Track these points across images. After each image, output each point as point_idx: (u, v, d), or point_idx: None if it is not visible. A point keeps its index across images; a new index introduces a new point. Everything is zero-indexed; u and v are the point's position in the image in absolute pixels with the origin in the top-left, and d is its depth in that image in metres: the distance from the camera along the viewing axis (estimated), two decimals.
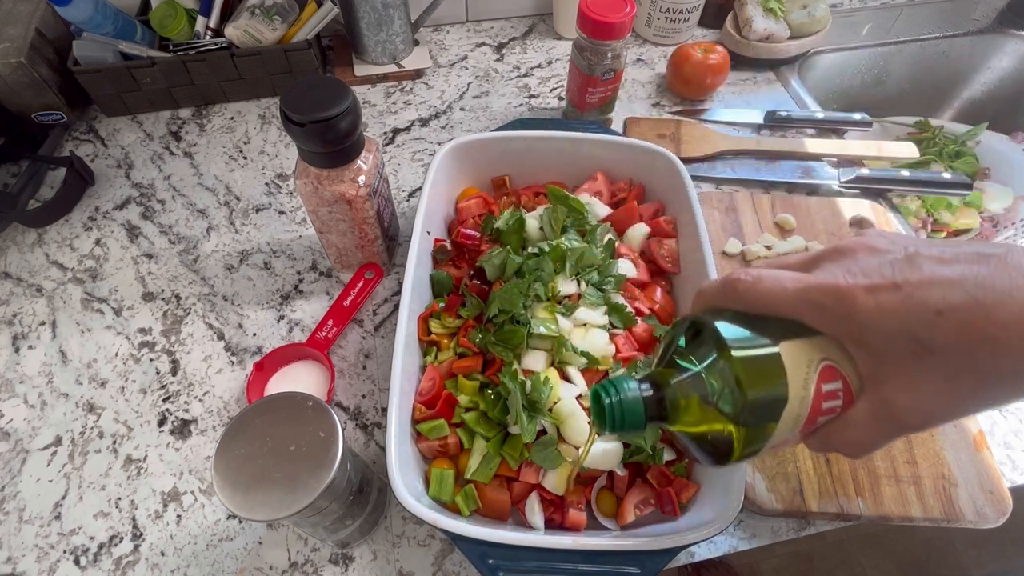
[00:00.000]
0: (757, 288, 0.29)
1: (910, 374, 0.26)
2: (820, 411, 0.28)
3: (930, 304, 0.25)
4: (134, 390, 0.55)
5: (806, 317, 0.28)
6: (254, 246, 0.65)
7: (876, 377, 0.28)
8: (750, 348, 0.28)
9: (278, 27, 0.72)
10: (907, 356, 0.26)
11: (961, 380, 0.25)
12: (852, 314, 0.27)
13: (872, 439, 0.29)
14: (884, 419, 0.28)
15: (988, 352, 0.24)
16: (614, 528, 0.45)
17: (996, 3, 0.94)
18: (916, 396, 0.27)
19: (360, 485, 0.42)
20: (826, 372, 0.28)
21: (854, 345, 0.28)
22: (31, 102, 0.70)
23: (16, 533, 0.48)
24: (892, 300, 0.26)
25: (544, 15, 0.90)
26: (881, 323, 0.26)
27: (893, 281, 0.26)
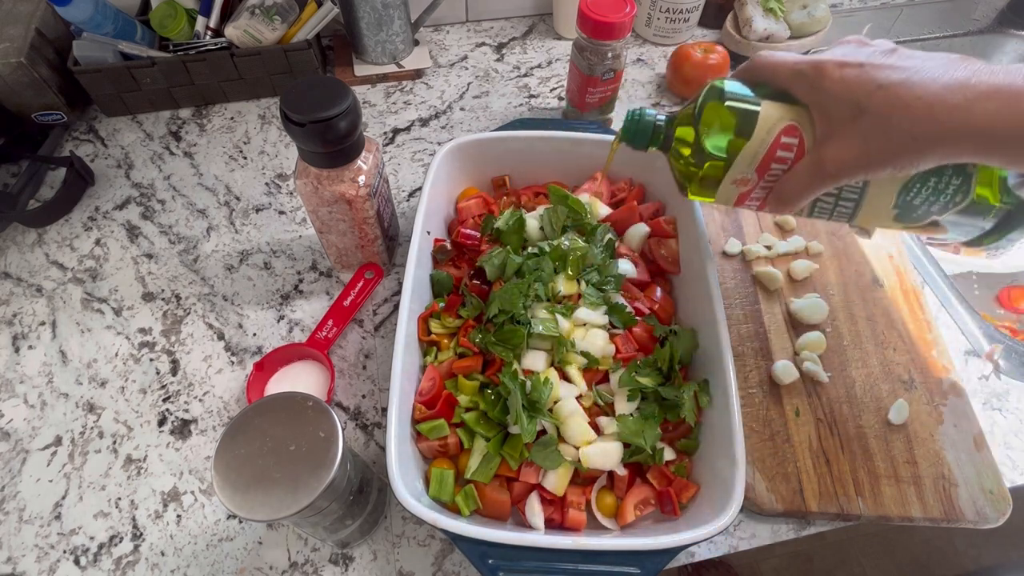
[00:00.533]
0: (765, 61, 0.37)
1: (843, 133, 0.33)
2: (774, 157, 0.36)
3: (876, 79, 0.31)
4: (134, 390, 0.55)
5: (791, 86, 0.36)
6: (254, 246, 0.65)
7: (822, 138, 0.34)
8: (738, 98, 0.37)
9: (278, 27, 0.72)
10: (846, 119, 0.33)
11: (873, 139, 0.32)
12: (820, 81, 0.33)
13: (804, 185, 0.36)
14: (815, 167, 0.35)
15: (900, 116, 0.31)
16: (614, 528, 0.45)
17: (996, 3, 0.94)
18: (839, 149, 0.33)
19: (360, 485, 0.42)
20: (789, 129, 0.36)
21: (817, 112, 0.34)
22: (31, 102, 0.70)
23: (16, 533, 0.48)
24: (852, 74, 0.32)
25: (544, 15, 0.90)
26: (837, 90, 0.33)
27: (860, 61, 0.33)
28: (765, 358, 0.55)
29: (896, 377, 0.54)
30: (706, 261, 0.51)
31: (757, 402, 0.52)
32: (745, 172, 0.38)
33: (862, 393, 0.53)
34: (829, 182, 0.35)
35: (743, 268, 0.61)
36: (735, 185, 0.39)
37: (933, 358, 0.55)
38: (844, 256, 0.61)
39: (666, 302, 0.55)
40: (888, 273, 0.60)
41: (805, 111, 0.36)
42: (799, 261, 0.60)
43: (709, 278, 0.50)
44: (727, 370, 0.46)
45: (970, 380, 0.57)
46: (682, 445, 0.48)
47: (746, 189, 0.39)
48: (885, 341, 0.56)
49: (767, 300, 0.58)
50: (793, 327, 0.57)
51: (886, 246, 0.62)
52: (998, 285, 0.73)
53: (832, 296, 0.58)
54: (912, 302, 0.58)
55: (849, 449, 0.50)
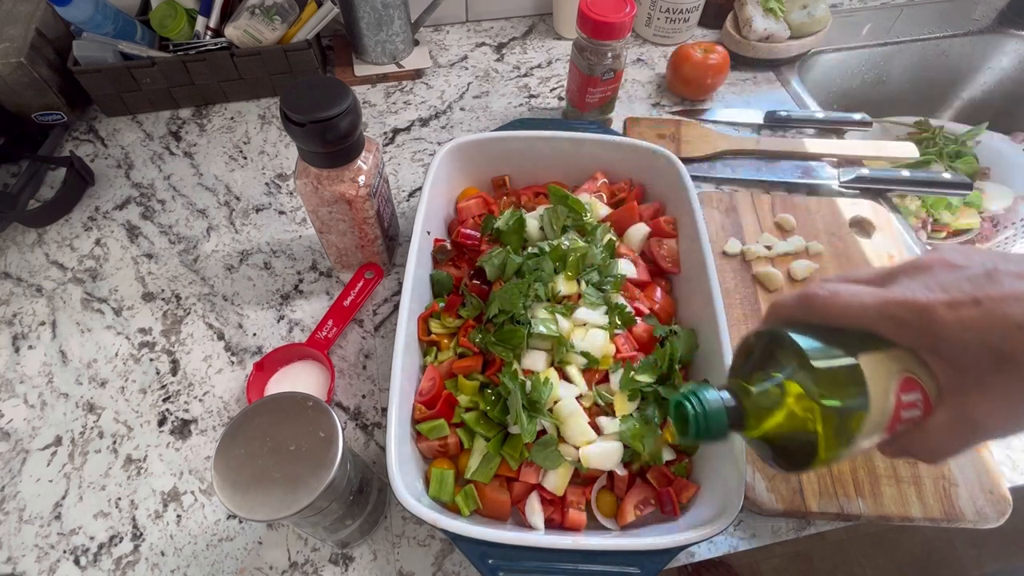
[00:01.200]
0: (835, 302, 0.30)
1: (991, 384, 0.28)
2: (900, 420, 0.30)
3: (1012, 318, 0.26)
4: (134, 390, 0.55)
5: (885, 331, 0.29)
6: (254, 246, 0.65)
7: (956, 387, 0.29)
8: (830, 358, 0.29)
9: (278, 27, 0.72)
10: (987, 368, 0.27)
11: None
12: (933, 328, 0.28)
13: (951, 445, 0.30)
14: (963, 426, 0.29)
15: None
16: (614, 528, 0.45)
17: (996, 3, 0.94)
18: (996, 404, 0.28)
19: (360, 485, 0.42)
20: (906, 383, 0.29)
21: (934, 357, 0.29)
22: (31, 102, 0.70)
23: (16, 533, 0.48)
24: (973, 315, 0.27)
25: (544, 15, 0.90)
26: (962, 336, 0.27)
27: (974, 296, 0.27)
28: None
29: None
30: (706, 261, 0.51)
31: None
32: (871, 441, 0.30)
33: None
34: (987, 439, 0.30)
35: (743, 268, 0.60)
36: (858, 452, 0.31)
37: None
38: (844, 256, 0.61)
39: (666, 302, 0.55)
40: None
41: (908, 353, 0.30)
42: (799, 261, 0.60)
43: (709, 278, 0.50)
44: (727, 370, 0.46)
45: None
46: (682, 445, 0.48)
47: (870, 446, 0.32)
48: None
49: (767, 300, 0.58)
50: None
51: (886, 246, 0.62)
52: None
53: None
54: None
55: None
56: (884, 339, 0.30)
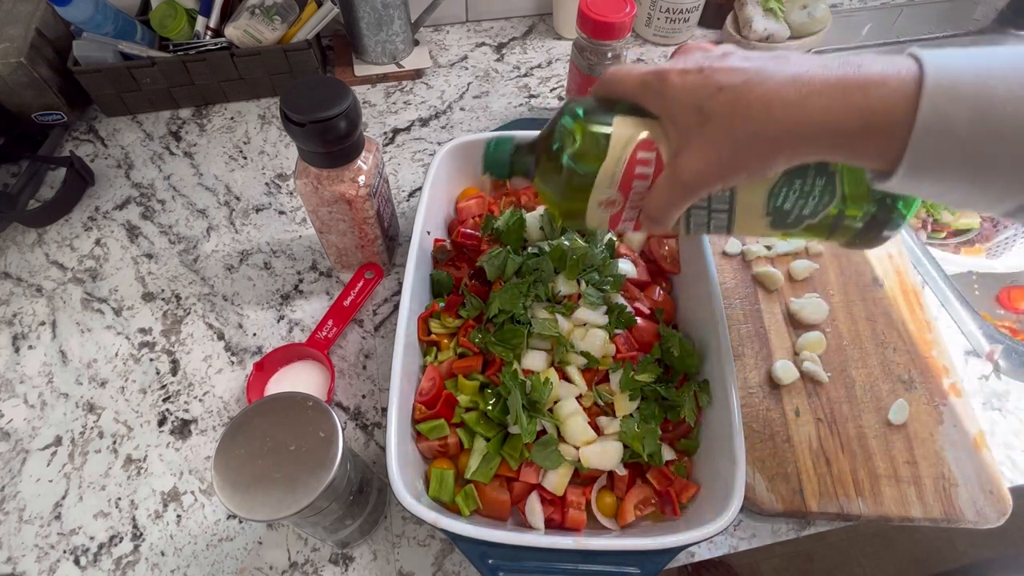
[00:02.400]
0: (615, 76, 0.36)
1: (694, 141, 0.32)
2: (633, 174, 0.35)
3: (717, 82, 0.30)
4: (134, 390, 0.55)
5: (640, 98, 0.34)
6: (254, 246, 0.65)
7: (677, 149, 0.33)
8: (590, 118, 0.36)
9: (278, 27, 0.72)
10: (694, 126, 0.31)
11: (722, 143, 0.31)
12: (663, 89, 0.32)
13: (666, 201, 0.34)
14: (673, 180, 0.33)
15: (742, 118, 0.29)
16: (614, 528, 0.45)
17: (996, 3, 0.94)
18: (692, 158, 0.32)
19: (360, 485, 0.42)
20: (644, 144, 0.34)
21: (668, 122, 0.33)
22: (31, 102, 0.70)
23: (16, 533, 0.48)
24: (693, 79, 0.31)
25: (544, 15, 0.90)
26: (681, 97, 0.32)
27: (699, 66, 0.32)
28: (765, 358, 0.55)
29: (896, 377, 0.54)
30: (706, 261, 0.51)
31: (757, 402, 0.52)
32: (607, 193, 0.36)
33: (862, 393, 0.53)
34: (689, 194, 0.33)
35: (743, 268, 0.60)
36: (602, 207, 0.37)
37: (933, 358, 0.55)
38: (844, 256, 0.61)
39: (666, 302, 0.55)
40: (888, 273, 0.60)
41: (660, 125, 0.34)
42: (799, 261, 0.60)
43: (709, 278, 0.50)
44: (727, 370, 0.46)
45: (970, 380, 0.57)
46: (682, 445, 0.48)
47: (615, 211, 0.37)
48: (885, 341, 0.56)
49: (767, 300, 0.58)
50: (793, 327, 0.57)
51: (886, 246, 0.62)
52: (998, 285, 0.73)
53: (832, 296, 0.58)
54: (912, 302, 0.58)
55: (849, 449, 0.50)
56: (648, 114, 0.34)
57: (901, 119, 0.26)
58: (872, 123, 0.27)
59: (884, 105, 0.26)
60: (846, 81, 0.27)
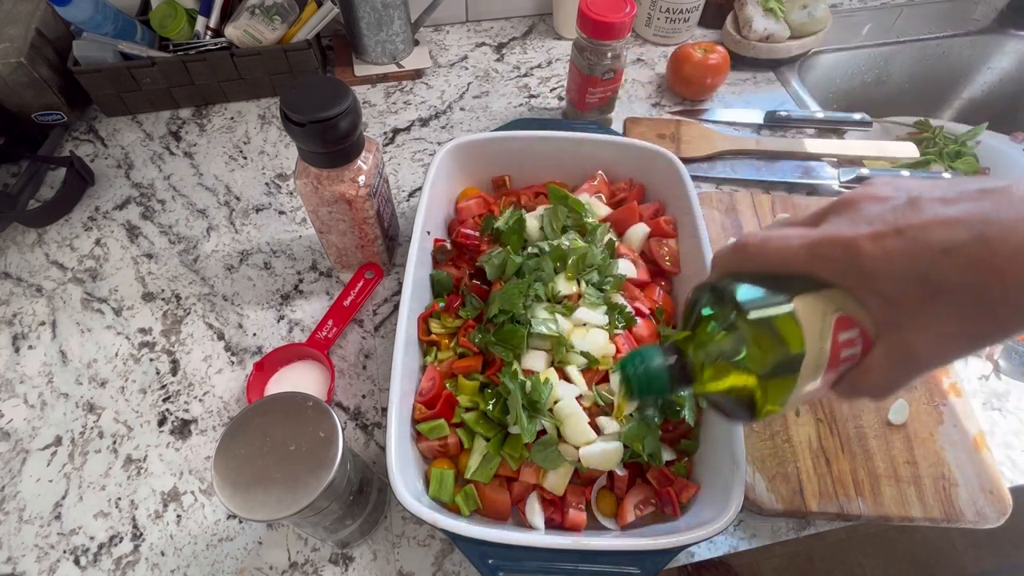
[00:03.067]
0: (765, 248, 0.30)
1: (924, 315, 0.27)
2: (839, 360, 0.29)
3: (935, 244, 0.25)
4: (134, 390, 0.55)
5: (816, 271, 0.29)
6: (254, 246, 0.65)
7: (891, 321, 0.28)
8: (764, 307, 0.29)
9: (278, 27, 0.72)
10: (918, 298, 0.26)
11: (972, 316, 0.26)
12: (859, 263, 0.27)
13: (893, 380, 0.29)
14: (902, 360, 0.29)
15: (997, 286, 0.24)
16: (614, 528, 0.45)
17: (996, 3, 0.94)
18: (931, 336, 0.27)
19: (360, 485, 0.42)
20: (841, 322, 0.29)
21: (866, 293, 0.28)
22: (31, 102, 0.70)
23: (16, 533, 0.48)
24: (897, 245, 0.26)
25: (544, 15, 0.90)
26: (888, 269, 0.26)
27: (896, 227, 0.26)
28: None
29: None
30: (706, 261, 0.51)
31: None
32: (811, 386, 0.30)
33: None
34: (924, 372, 0.29)
35: None
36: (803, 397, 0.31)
37: None
38: None
39: (666, 302, 0.55)
40: None
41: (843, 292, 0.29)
42: None
43: None
44: None
45: (970, 380, 0.57)
46: (682, 445, 0.48)
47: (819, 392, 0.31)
48: None
49: None
50: None
51: None
52: None
53: None
54: None
55: (849, 449, 0.50)
56: (820, 282, 0.29)
57: None
58: None
59: None
60: None
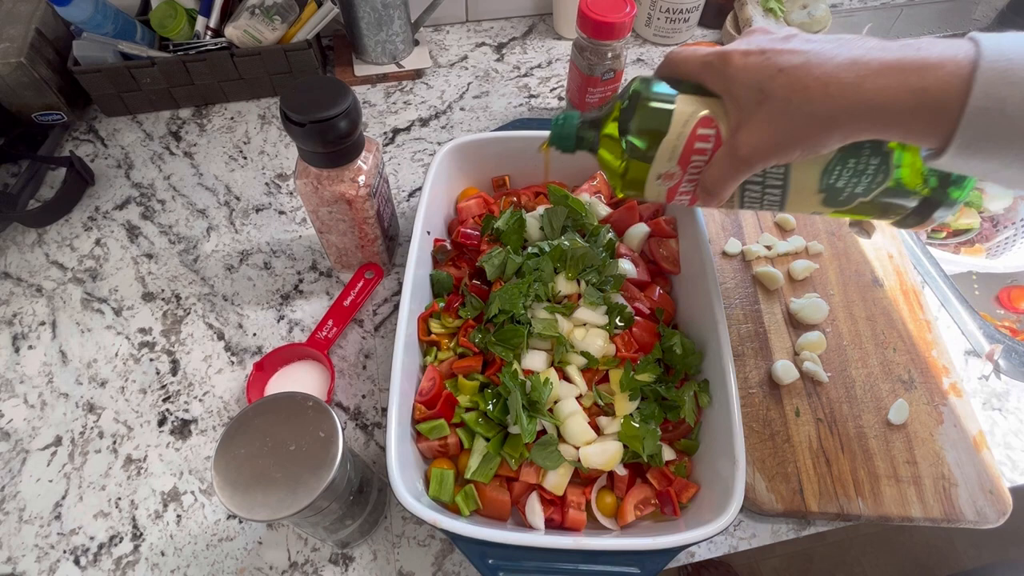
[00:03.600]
0: (677, 56, 0.38)
1: (752, 119, 0.34)
2: (693, 149, 0.37)
3: (776, 64, 0.32)
4: (134, 390, 0.55)
5: (703, 77, 0.36)
6: (254, 246, 0.65)
7: (735, 126, 0.35)
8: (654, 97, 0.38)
9: (278, 27, 0.72)
10: (753, 104, 0.33)
11: (779, 120, 0.32)
12: (728, 71, 0.34)
13: (723, 173, 0.36)
14: (731, 154, 0.35)
15: (799, 97, 0.31)
16: (614, 528, 0.45)
17: (996, 3, 0.94)
18: (750, 134, 0.34)
19: (360, 485, 0.42)
20: (705, 121, 0.36)
21: (729, 100, 0.35)
22: (31, 102, 0.70)
23: (16, 533, 0.48)
24: (755, 60, 0.33)
25: (544, 15, 0.90)
26: (742, 77, 0.34)
27: (761, 48, 0.33)
28: (765, 358, 0.55)
29: (896, 377, 0.54)
30: (706, 261, 0.51)
31: (757, 402, 0.52)
32: (667, 167, 0.38)
33: (862, 393, 0.53)
34: (745, 168, 0.35)
35: (743, 268, 0.61)
36: (660, 180, 0.39)
37: (933, 358, 0.55)
38: (844, 256, 0.61)
39: (666, 302, 0.55)
40: (888, 273, 0.60)
41: (720, 103, 0.36)
42: (799, 261, 0.60)
43: (709, 278, 0.50)
44: (727, 370, 0.46)
45: (970, 380, 0.57)
46: (682, 445, 0.48)
47: (673, 184, 0.40)
48: (885, 341, 0.56)
49: (767, 300, 0.58)
50: (793, 327, 0.57)
51: (886, 246, 0.62)
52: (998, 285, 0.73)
53: (832, 296, 0.58)
54: (912, 302, 0.58)
55: (849, 449, 0.50)
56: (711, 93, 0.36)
57: (954, 99, 0.28)
58: (925, 103, 0.28)
59: (939, 85, 0.28)
60: (904, 63, 0.29)
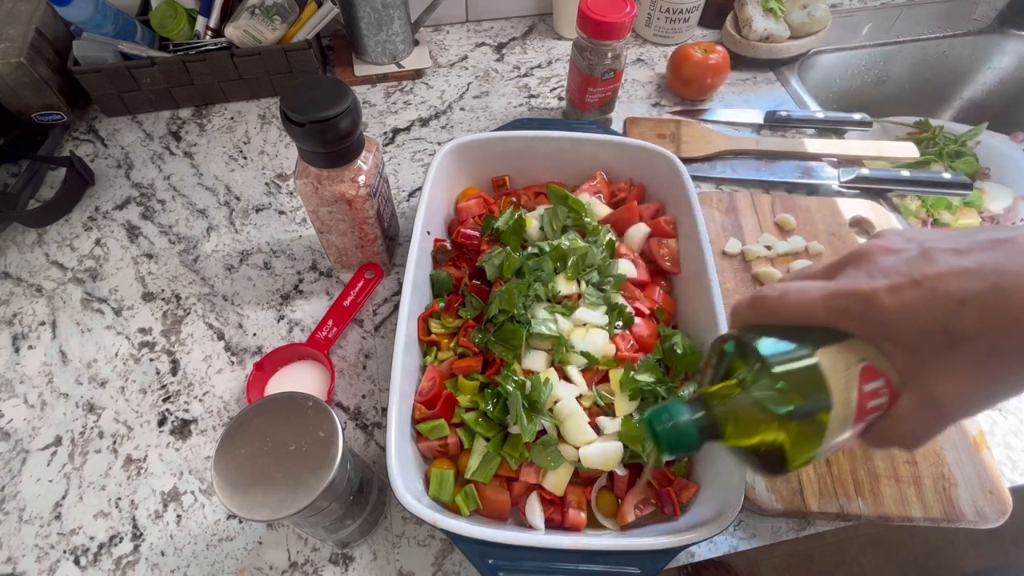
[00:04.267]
0: (785, 301, 0.31)
1: (946, 364, 0.27)
2: (866, 410, 0.29)
3: (952, 295, 0.26)
4: (134, 390, 0.55)
5: (836, 323, 0.30)
6: (254, 246, 0.65)
7: (915, 370, 0.29)
8: (788, 361, 0.29)
9: (278, 27, 0.72)
10: (939, 347, 0.27)
11: (993, 364, 0.27)
12: (878, 314, 0.28)
13: (922, 430, 0.30)
14: (929, 410, 0.29)
15: (1015, 334, 0.25)
16: (614, 528, 0.45)
17: (996, 3, 0.94)
18: (954, 384, 0.27)
19: (360, 485, 0.42)
20: (866, 372, 0.29)
21: (888, 343, 0.29)
22: (31, 102, 0.70)
23: (16, 533, 0.48)
24: (915, 296, 0.27)
25: (544, 15, 0.90)
26: (908, 319, 0.27)
27: (912, 278, 0.27)
28: None
29: None
30: (706, 261, 0.51)
31: None
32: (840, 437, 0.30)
33: None
34: (952, 421, 0.29)
35: (743, 268, 0.60)
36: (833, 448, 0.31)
37: None
38: None
39: (666, 302, 0.55)
40: None
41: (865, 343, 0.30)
42: (799, 261, 0.60)
43: (709, 278, 0.50)
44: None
45: None
46: None
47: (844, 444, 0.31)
48: None
49: None
50: None
51: None
52: None
53: None
54: None
55: (849, 449, 0.50)
56: (841, 333, 0.30)
57: None
58: None
59: None
60: None
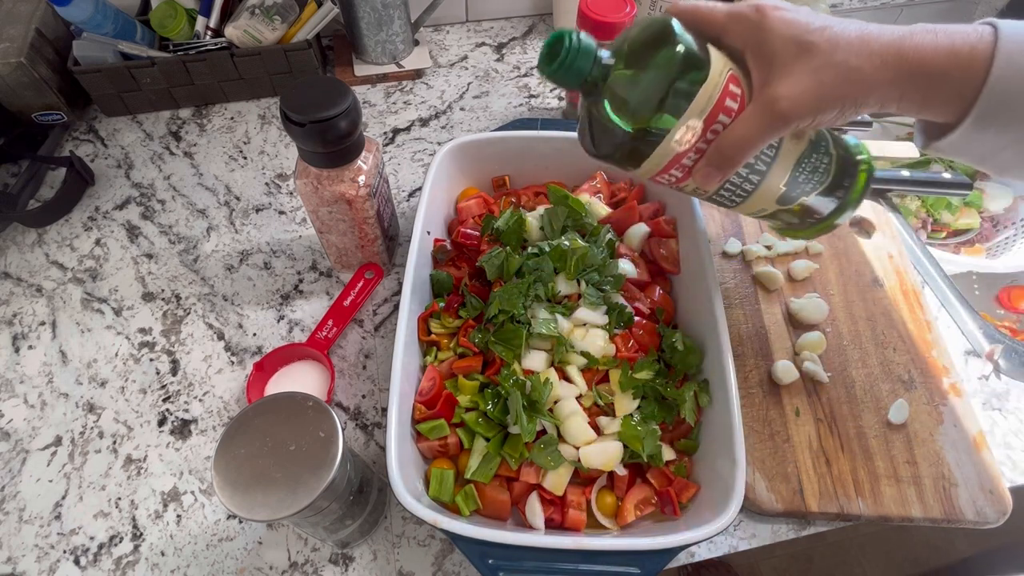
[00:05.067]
0: (697, 9, 0.36)
1: (789, 71, 0.33)
2: (723, 107, 0.34)
3: (815, 20, 0.33)
4: (134, 390, 0.55)
5: (729, 29, 0.35)
6: (254, 246, 0.65)
7: (764, 81, 0.34)
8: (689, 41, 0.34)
9: (278, 27, 0.72)
10: (791, 56, 0.33)
11: (823, 72, 0.32)
12: (764, 21, 0.34)
13: (750, 132, 0.34)
14: (763, 110, 0.34)
15: (844, 50, 0.32)
16: (614, 528, 0.45)
17: (996, 3, 0.94)
18: (789, 86, 0.33)
19: (360, 485, 0.42)
20: (732, 78, 0.35)
21: (757, 56, 0.34)
22: (31, 102, 0.70)
23: (16, 533, 0.48)
24: (791, 16, 0.33)
25: (544, 15, 0.90)
26: (781, 28, 0.33)
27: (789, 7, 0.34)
28: (765, 358, 0.55)
29: (896, 377, 0.54)
30: (706, 261, 0.51)
31: (757, 402, 0.52)
32: (695, 121, 0.34)
33: (862, 393, 0.53)
34: (780, 125, 0.34)
35: (743, 268, 0.61)
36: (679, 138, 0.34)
37: (933, 358, 0.55)
38: (844, 256, 0.61)
39: (666, 302, 0.55)
40: (888, 273, 0.60)
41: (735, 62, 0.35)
42: (799, 261, 0.60)
43: (709, 278, 0.50)
44: (727, 370, 0.46)
45: (970, 380, 0.57)
46: (682, 445, 0.48)
47: (684, 148, 0.35)
48: (885, 341, 0.56)
49: (767, 300, 0.58)
50: (793, 327, 0.57)
51: (886, 246, 0.62)
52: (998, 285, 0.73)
53: (832, 296, 0.58)
54: (912, 302, 0.58)
55: (849, 449, 0.50)
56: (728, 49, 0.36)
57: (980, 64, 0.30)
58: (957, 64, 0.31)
59: (969, 49, 0.31)
60: (936, 31, 0.32)
